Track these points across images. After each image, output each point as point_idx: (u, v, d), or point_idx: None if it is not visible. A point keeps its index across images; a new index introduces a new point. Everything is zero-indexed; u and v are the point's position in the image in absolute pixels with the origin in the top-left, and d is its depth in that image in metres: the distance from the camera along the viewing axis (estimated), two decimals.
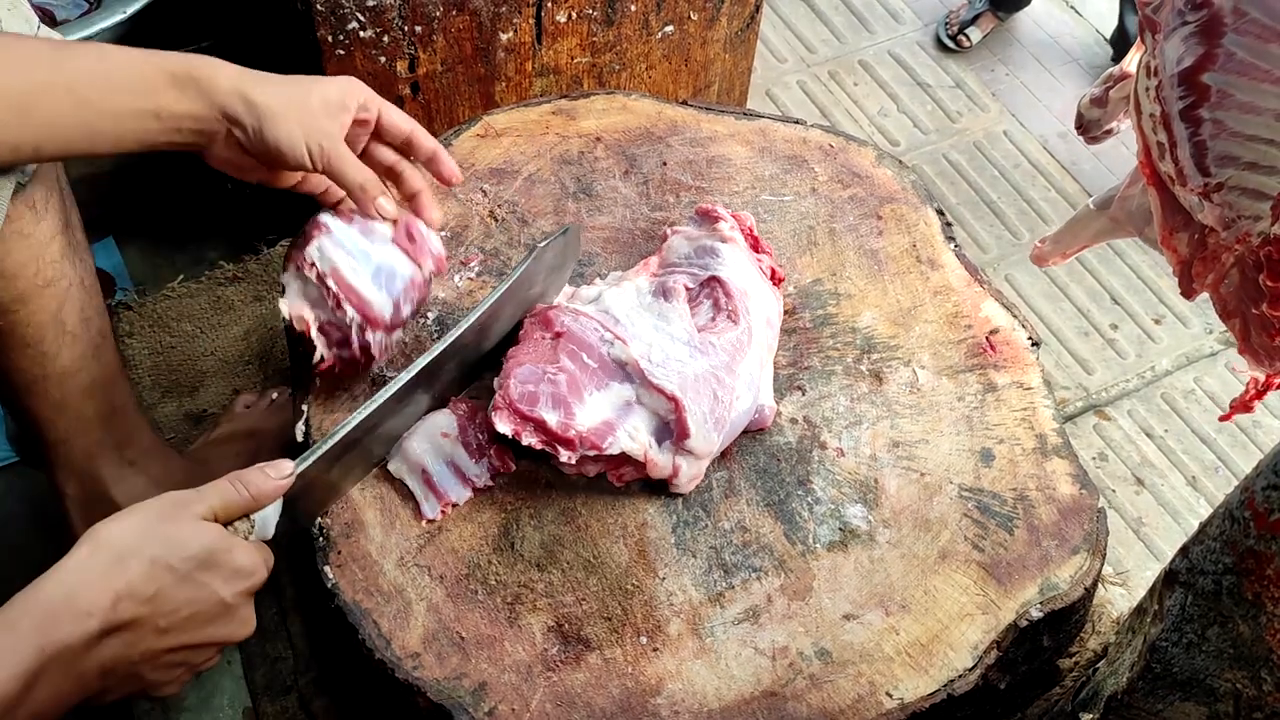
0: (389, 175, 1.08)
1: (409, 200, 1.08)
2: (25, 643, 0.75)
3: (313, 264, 1.00)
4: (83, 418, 1.23)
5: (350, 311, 1.00)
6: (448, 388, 1.08)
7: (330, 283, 1.00)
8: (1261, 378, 1.02)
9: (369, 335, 1.01)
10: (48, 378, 1.18)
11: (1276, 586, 0.77)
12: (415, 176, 1.08)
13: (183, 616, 0.82)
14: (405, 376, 1.00)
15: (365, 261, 1.02)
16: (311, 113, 0.99)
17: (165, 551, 0.81)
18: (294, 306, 1.02)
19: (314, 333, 1.02)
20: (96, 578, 0.79)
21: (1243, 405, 1.05)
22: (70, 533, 1.32)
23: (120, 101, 0.94)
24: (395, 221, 1.04)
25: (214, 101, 0.96)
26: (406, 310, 1.04)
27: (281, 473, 0.91)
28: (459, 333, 1.03)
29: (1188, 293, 1.00)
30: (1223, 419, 1.11)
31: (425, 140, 1.08)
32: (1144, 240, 1.14)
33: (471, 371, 1.10)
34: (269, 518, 0.91)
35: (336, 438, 0.96)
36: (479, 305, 1.05)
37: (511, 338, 1.10)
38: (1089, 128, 1.21)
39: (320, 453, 0.95)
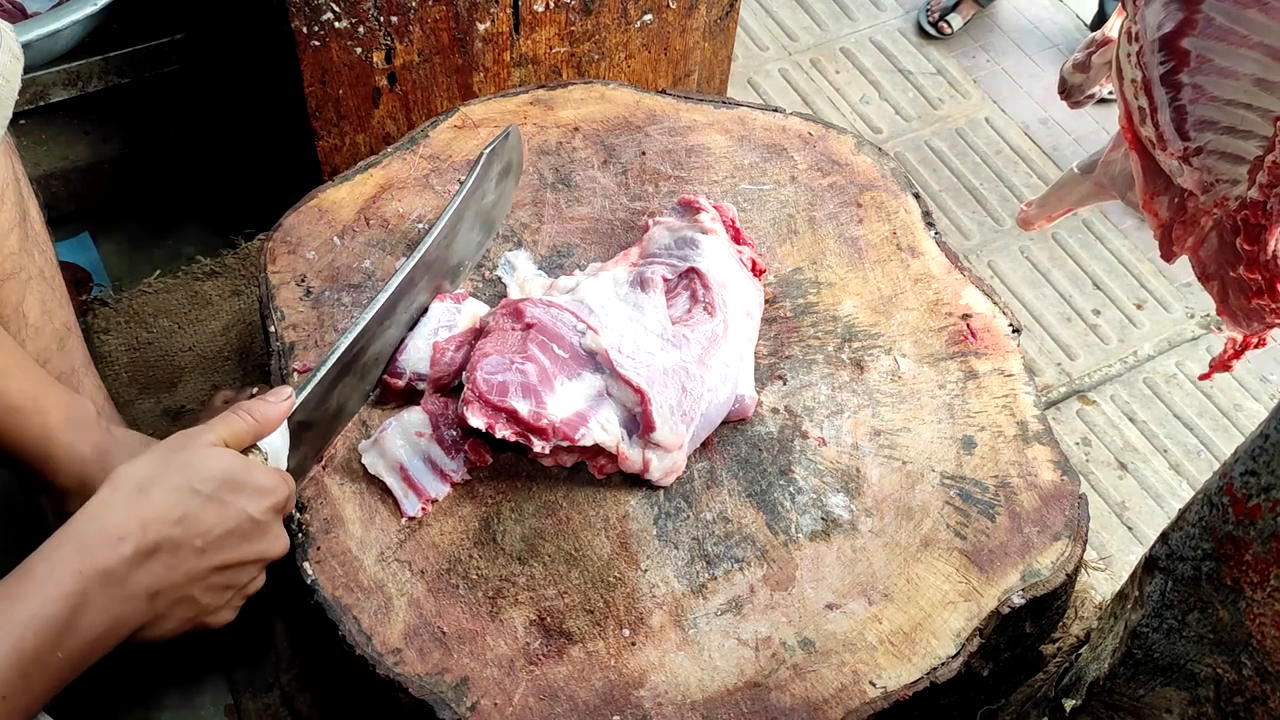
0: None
1: None
2: (62, 568, 0.78)
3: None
4: None
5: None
6: (424, 302, 1.12)
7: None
8: (1239, 338, 1.03)
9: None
10: None
11: (1255, 571, 0.77)
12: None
13: (217, 535, 0.85)
14: (384, 295, 1.04)
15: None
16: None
17: (185, 477, 0.85)
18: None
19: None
20: (123, 507, 0.82)
21: (1221, 364, 1.06)
22: (45, 526, 1.31)
23: None
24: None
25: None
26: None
27: (281, 397, 0.94)
28: (427, 247, 1.07)
29: (1168, 255, 1.00)
30: (1203, 378, 1.12)
31: None
32: (1126, 204, 1.15)
33: (441, 283, 1.15)
34: (279, 448, 0.94)
35: (331, 360, 0.99)
36: (440, 219, 1.09)
37: (477, 250, 1.18)
38: (1072, 92, 1.21)
39: (318, 377, 0.98)
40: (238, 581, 0.89)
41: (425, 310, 1.11)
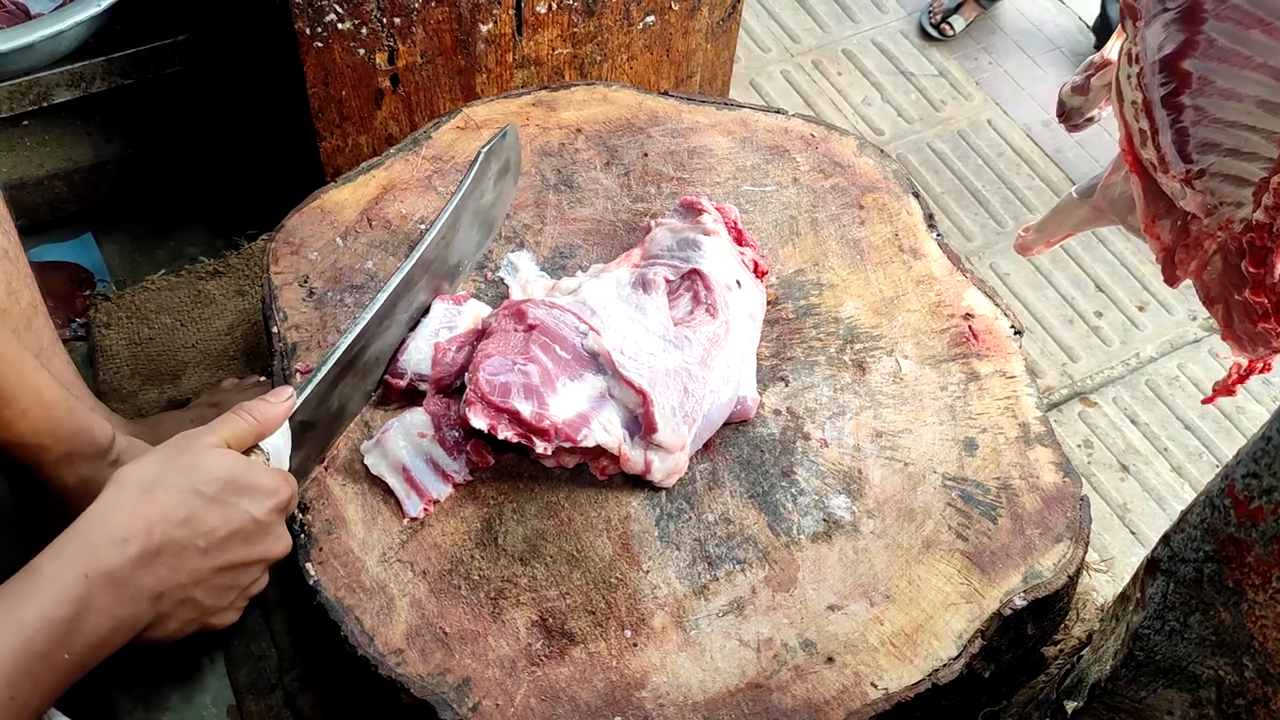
0: None
1: None
2: (69, 569, 0.78)
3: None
4: None
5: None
6: (424, 302, 1.12)
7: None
8: (1244, 363, 1.03)
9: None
10: None
11: (1257, 573, 0.77)
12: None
13: (220, 536, 0.86)
14: (383, 295, 1.04)
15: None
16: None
17: (189, 478, 0.85)
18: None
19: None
20: (127, 508, 0.82)
21: (1225, 389, 1.05)
22: (15, 500, 1.31)
23: None
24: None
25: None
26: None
27: (281, 397, 0.95)
28: (425, 247, 1.08)
29: (1171, 280, 1.00)
30: (1205, 402, 1.11)
31: None
32: (1127, 228, 1.14)
33: (441, 284, 1.15)
34: (281, 449, 0.94)
35: (331, 360, 0.99)
36: (438, 219, 1.10)
37: (477, 250, 1.18)
38: (1071, 115, 1.20)
39: (319, 376, 0.98)
40: (241, 582, 0.90)
41: (426, 311, 1.11)
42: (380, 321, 1.04)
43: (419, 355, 1.08)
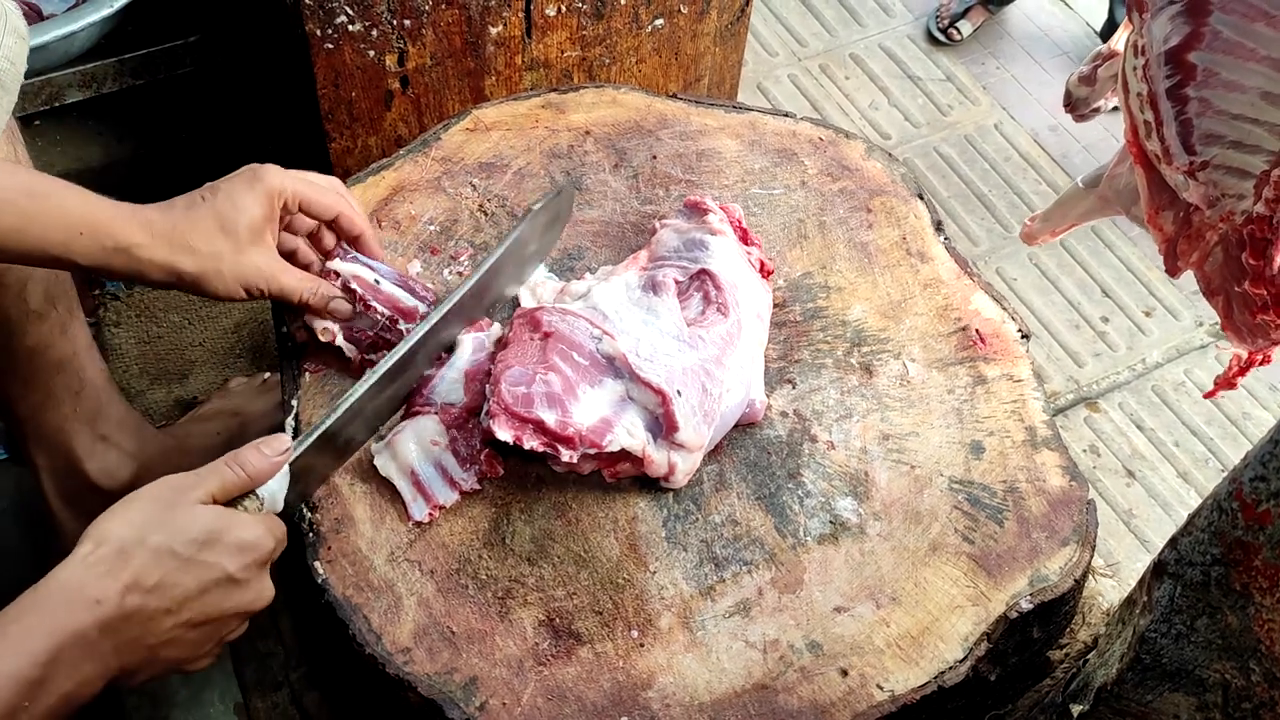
0: (318, 234, 1.11)
1: (353, 244, 1.11)
2: (36, 631, 0.77)
3: (336, 274, 1.08)
4: (51, 394, 1.23)
5: (380, 308, 1.07)
6: (449, 338, 1.11)
7: (355, 287, 1.07)
8: (1244, 355, 1.03)
9: (402, 326, 1.07)
10: (13, 355, 1.17)
11: (1264, 577, 0.77)
12: (352, 221, 1.09)
13: (192, 596, 0.84)
14: (409, 342, 1.03)
15: (382, 273, 1.10)
16: (241, 251, 1.01)
17: (166, 538, 0.83)
18: (316, 320, 1.08)
19: (340, 341, 1.08)
20: (102, 570, 0.81)
21: (1226, 382, 1.06)
22: (46, 505, 1.31)
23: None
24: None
25: (146, 275, 1.00)
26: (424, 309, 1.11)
27: (277, 450, 0.92)
28: (460, 295, 1.07)
29: (1172, 270, 1.00)
30: (1208, 395, 1.12)
31: (355, 221, 1.09)
32: (1131, 218, 1.15)
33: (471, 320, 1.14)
34: (276, 492, 0.93)
35: (338, 413, 0.98)
36: (480, 267, 1.10)
37: (511, 289, 1.16)
38: (1077, 105, 1.21)
39: (322, 429, 0.97)
40: (215, 635, 0.88)
41: (451, 345, 1.10)
42: (394, 375, 1.03)
43: (447, 385, 1.07)
